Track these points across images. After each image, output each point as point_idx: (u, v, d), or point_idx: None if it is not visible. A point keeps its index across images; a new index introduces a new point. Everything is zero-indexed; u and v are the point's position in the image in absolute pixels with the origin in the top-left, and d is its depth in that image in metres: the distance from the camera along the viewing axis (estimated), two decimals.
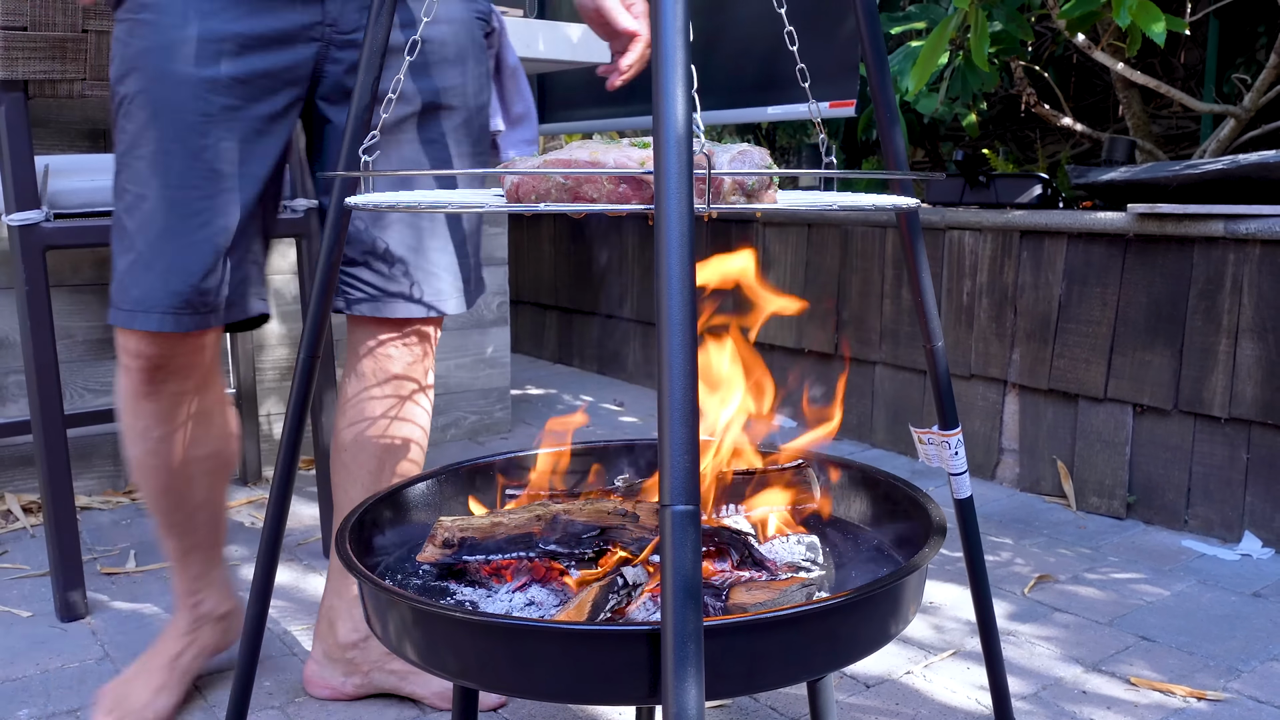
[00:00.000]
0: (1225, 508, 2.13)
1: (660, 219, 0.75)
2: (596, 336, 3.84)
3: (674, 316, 0.75)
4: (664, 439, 0.76)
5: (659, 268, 0.76)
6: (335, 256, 1.12)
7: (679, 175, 0.75)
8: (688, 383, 0.76)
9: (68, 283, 2.29)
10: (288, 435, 1.15)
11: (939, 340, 1.15)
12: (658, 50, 0.77)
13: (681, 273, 0.75)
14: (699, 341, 0.83)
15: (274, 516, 1.18)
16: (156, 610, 1.80)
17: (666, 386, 0.75)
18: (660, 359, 0.76)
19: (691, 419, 0.76)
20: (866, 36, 1.05)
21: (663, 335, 0.75)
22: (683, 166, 0.75)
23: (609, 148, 0.96)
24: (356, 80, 1.08)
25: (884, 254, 2.71)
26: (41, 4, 1.67)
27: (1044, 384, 2.40)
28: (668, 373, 0.75)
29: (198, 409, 1.41)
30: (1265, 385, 2.02)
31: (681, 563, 0.76)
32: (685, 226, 0.75)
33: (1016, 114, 3.98)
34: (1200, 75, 3.42)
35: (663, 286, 0.75)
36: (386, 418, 1.49)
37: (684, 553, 0.75)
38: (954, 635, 1.72)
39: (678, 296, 0.75)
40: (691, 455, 0.76)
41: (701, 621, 0.77)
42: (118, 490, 2.39)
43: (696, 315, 0.76)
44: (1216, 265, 2.08)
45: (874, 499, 1.19)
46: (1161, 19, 2.05)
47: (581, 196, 0.94)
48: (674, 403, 0.75)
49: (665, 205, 0.75)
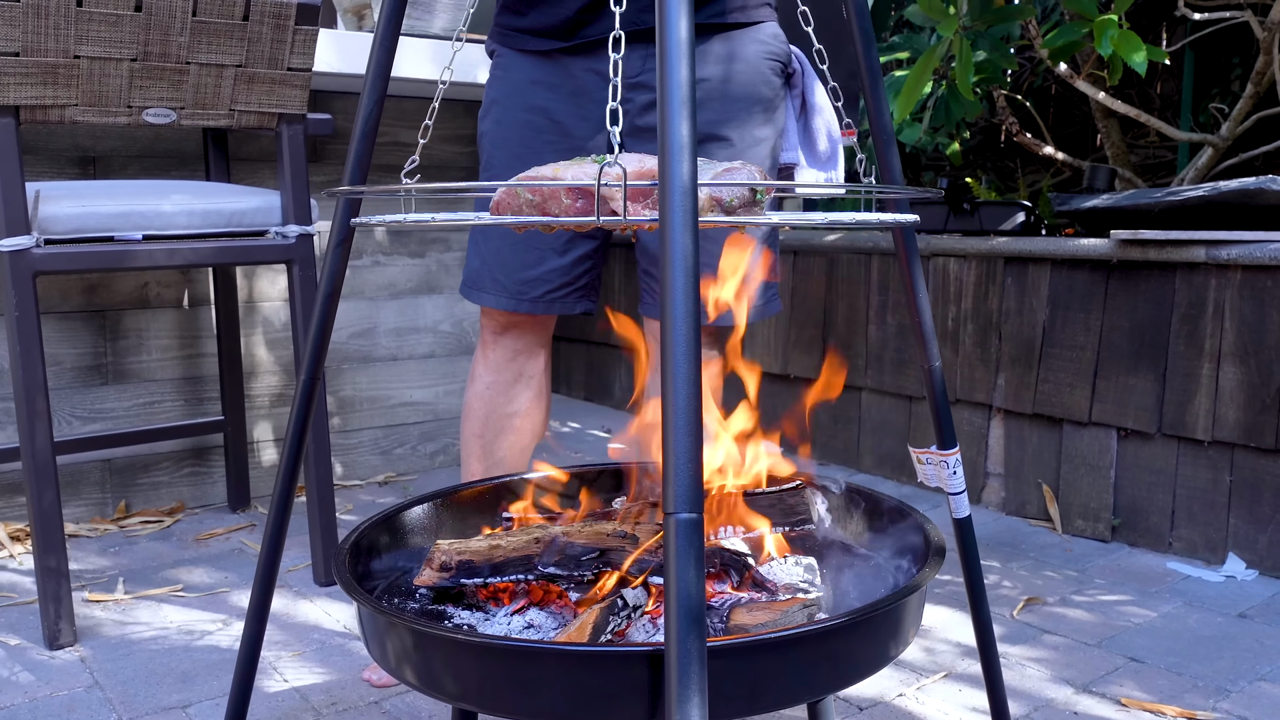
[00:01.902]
0: (1209, 530, 2.15)
1: (665, 230, 0.76)
2: (584, 364, 3.85)
3: (678, 327, 0.76)
4: (668, 448, 0.76)
5: (664, 279, 0.77)
6: (338, 281, 1.12)
7: (683, 190, 0.76)
8: (691, 391, 0.76)
9: (57, 309, 2.29)
10: (287, 457, 1.15)
11: (936, 361, 1.17)
12: (662, 68, 0.78)
13: (685, 284, 0.76)
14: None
15: (273, 535, 1.18)
16: (146, 637, 1.79)
17: (670, 396, 0.76)
18: (664, 368, 0.77)
19: (695, 428, 0.76)
20: (863, 59, 1.07)
21: (667, 345, 0.76)
22: (687, 181, 0.76)
23: (571, 165, 0.97)
24: (361, 105, 1.09)
25: (869, 280, 2.73)
26: (34, 30, 1.67)
27: (1029, 408, 2.42)
28: (672, 382, 0.76)
29: (522, 371, 1.75)
30: (1247, 408, 2.05)
31: (685, 570, 0.75)
32: (690, 238, 0.76)
33: (996, 144, 4.03)
34: (1176, 106, 3.47)
35: (667, 298, 0.76)
36: None
37: (688, 560, 0.75)
38: (945, 658, 1.73)
39: (681, 307, 0.76)
40: (695, 464, 0.76)
41: (705, 632, 0.77)
42: (105, 518, 2.38)
43: (700, 326, 0.77)
44: (1199, 290, 2.11)
45: (871, 520, 1.20)
46: (1143, 48, 2.09)
47: (547, 212, 0.95)
48: (678, 411, 0.76)
49: (671, 217, 0.76)
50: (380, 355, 2.75)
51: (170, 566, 2.12)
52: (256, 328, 2.54)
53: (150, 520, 2.37)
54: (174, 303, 2.43)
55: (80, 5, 1.70)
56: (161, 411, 2.44)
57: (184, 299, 2.44)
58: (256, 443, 2.56)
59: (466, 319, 2.88)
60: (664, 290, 0.77)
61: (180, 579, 2.05)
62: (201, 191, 1.98)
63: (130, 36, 1.76)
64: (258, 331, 2.54)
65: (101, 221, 1.83)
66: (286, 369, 2.59)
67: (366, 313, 2.70)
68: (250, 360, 2.53)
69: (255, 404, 2.55)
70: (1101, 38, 2.07)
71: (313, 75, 1.98)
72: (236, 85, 1.90)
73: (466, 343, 2.88)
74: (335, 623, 1.86)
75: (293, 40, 1.91)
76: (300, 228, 1.99)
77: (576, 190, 0.88)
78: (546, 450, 3.08)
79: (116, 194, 1.87)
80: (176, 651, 1.73)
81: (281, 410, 2.59)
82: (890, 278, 2.68)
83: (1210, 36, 3.08)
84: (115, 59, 1.76)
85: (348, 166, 1.10)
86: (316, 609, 1.92)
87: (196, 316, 2.46)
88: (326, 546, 2.02)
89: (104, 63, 1.76)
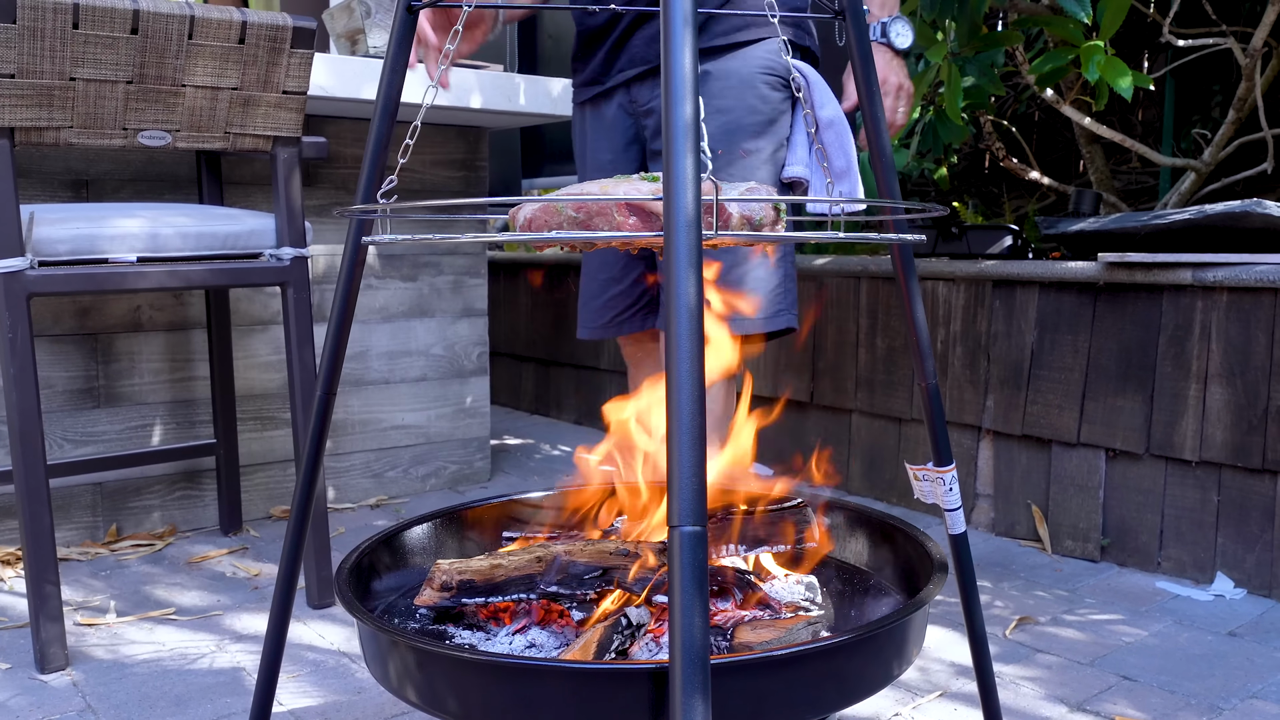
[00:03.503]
0: (1197, 549, 2.16)
1: (670, 242, 0.77)
2: (573, 387, 3.85)
3: (683, 341, 0.77)
4: (673, 461, 0.77)
5: (669, 292, 0.78)
6: (351, 299, 1.13)
7: (688, 199, 0.77)
8: (696, 407, 0.77)
9: (48, 332, 2.28)
10: (304, 476, 1.15)
11: (933, 379, 1.18)
12: (667, 84, 0.79)
13: (690, 298, 0.77)
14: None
15: (289, 559, 1.18)
16: (139, 660, 1.78)
17: (675, 410, 0.77)
18: (670, 383, 0.77)
19: (700, 442, 0.77)
20: (862, 83, 1.09)
21: (672, 359, 0.77)
22: (692, 189, 0.77)
23: (619, 182, 0.98)
24: (373, 124, 1.10)
25: (858, 303, 2.75)
26: (29, 51, 1.68)
27: (1018, 430, 2.44)
28: (677, 396, 0.77)
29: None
30: (1234, 429, 2.07)
31: (689, 583, 0.76)
32: (694, 251, 0.77)
33: (980, 170, 4.07)
34: (1157, 132, 3.52)
35: (672, 311, 0.77)
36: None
37: (692, 573, 0.76)
38: (940, 677, 1.73)
39: (686, 321, 0.77)
40: (699, 477, 0.77)
41: (710, 646, 0.77)
42: (96, 541, 2.36)
43: (704, 340, 0.78)
44: (1185, 312, 2.14)
45: (870, 539, 1.21)
46: (1129, 74, 2.12)
47: (593, 229, 0.96)
48: (682, 426, 0.77)
49: (675, 229, 0.77)
50: (372, 378, 2.75)
51: (162, 590, 2.11)
52: (249, 350, 2.54)
53: (141, 543, 2.36)
54: (166, 326, 2.43)
55: (76, 27, 1.70)
56: (153, 434, 2.43)
57: (176, 322, 2.44)
58: (249, 466, 2.55)
59: (458, 343, 2.88)
60: (668, 308, 0.78)
61: (173, 602, 2.04)
62: (196, 214, 1.98)
63: (126, 59, 1.77)
64: (250, 354, 2.54)
65: (96, 243, 1.83)
66: (279, 392, 2.58)
67: (359, 336, 2.70)
68: (242, 383, 2.52)
69: (247, 427, 2.55)
70: (1088, 63, 2.10)
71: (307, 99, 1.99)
72: (232, 108, 1.90)
73: (458, 366, 2.89)
74: (329, 645, 1.85)
75: (288, 63, 1.92)
76: (295, 250, 2.00)
77: (627, 208, 0.89)
78: (546, 471, 3.08)
79: (111, 216, 1.88)
80: (170, 674, 1.72)
81: (274, 433, 2.59)
82: (879, 301, 2.70)
83: (1190, 64, 3.13)
84: (111, 81, 1.77)
85: (360, 185, 1.11)
86: (310, 631, 1.91)
87: (188, 339, 2.46)
88: (320, 569, 2.02)
89: (100, 85, 1.77)
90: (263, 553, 2.34)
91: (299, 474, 1.17)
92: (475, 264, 2.90)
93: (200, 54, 1.83)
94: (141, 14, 1.74)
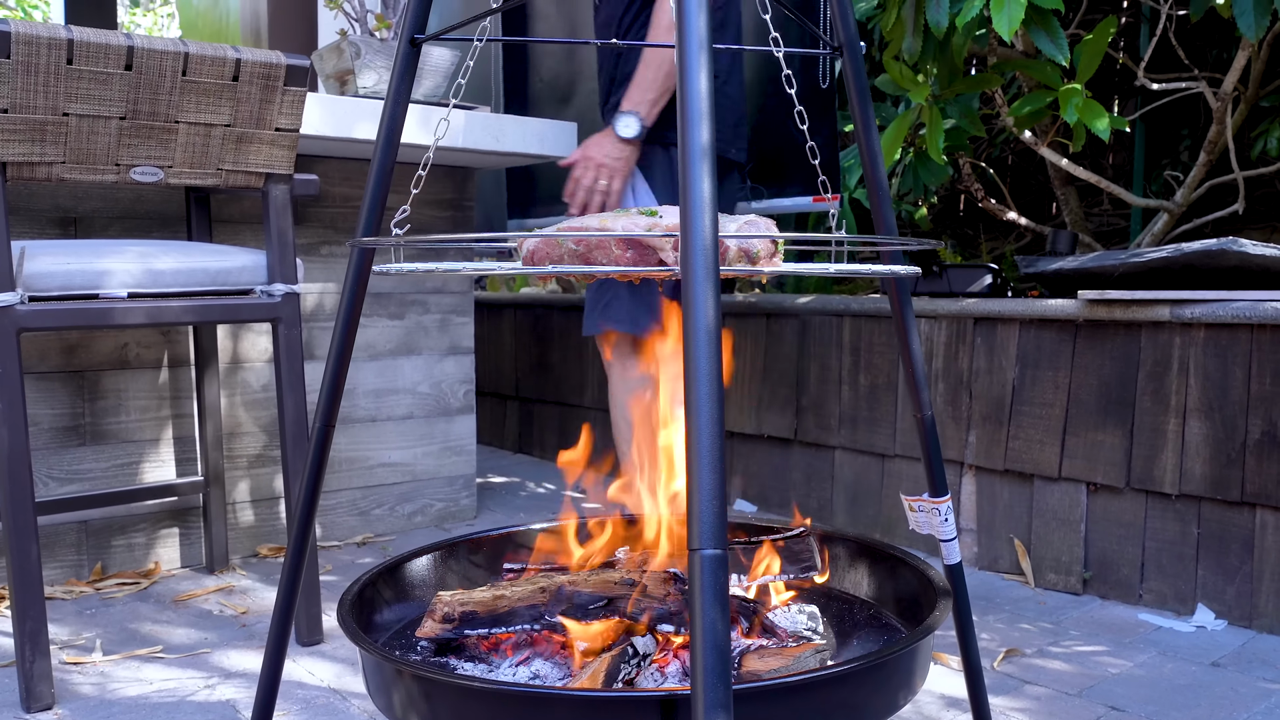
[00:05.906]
0: (1178, 581, 2.19)
1: (687, 266, 0.79)
2: (557, 425, 3.86)
3: (701, 364, 0.78)
4: (692, 485, 0.78)
5: (687, 321, 0.79)
6: (352, 330, 1.14)
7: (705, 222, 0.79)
8: (715, 430, 0.78)
9: (35, 369, 2.27)
10: (302, 507, 1.16)
11: (928, 410, 1.20)
12: (683, 107, 0.81)
13: (709, 321, 0.79)
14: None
15: (286, 593, 1.18)
16: (125, 698, 1.76)
17: (695, 434, 0.78)
18: (689, 407, 0.79)
19: (719, 465, 0.78)
20: (859, 117, 1.12)
21: (690, 384, 0.78)
22: (709, 213, 0.79)
23: (618, 215, 1.01)
24: (374, 156, 1.12)
25: (841, 342, 2.78)
26: (23, 87, 1.69)
27: (1000, 465, 2.47)
28: (696, 420, 0.78)
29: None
30: (1213, 462, 2.11)
31: (710, 605, 0.76)
32: (712, 274, 0.79)
33: (956, 211, 4.14)
34: (1128, 175, 3.60)
35: (690, 339, 0.79)
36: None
37: (713, 596, 0.76)
38: (931, 709, 1.74)
39: (705, 344, 0.79)
40: (719, 501, 0.78)
41: (731, 667, 0.78)
42: (81, 580, 2.34)
43: (721, 366, 0.80)
44: (1164, 348, 2.18)
45: (870, 568, 1.22)
46: (1105, 116, 2.18)
47: (592, 262, 0.98)
48: (702, 450, 0.78)
49: (693, 253, 0.78)
50: (359, 416, 2.75)
51: (149, 627, 2.09)
52: (236, 388, 2.54)
53: (127, 582, 2.33)
54: (153, 363, 2.42)
55: (70, 63, 1.71)
56: (139, 472, 2.41)
57: (163, 359, 2.43)
58: (235, 503, 2.54)
59: (445, 380, 2.89)
60: (687, 334, 0.79)
61: (160, 639, 2.02)
62: (187, 250, 1.99)
63: (120, 95, 1.78)
64: (237, 392, 2.54)
65: (87, 279, 1.83)
66: (266, 429, 2.58)
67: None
68: (230, 420, 2.52)
69: (235, 464, 2.54)
70: (1067, 106, 2.16)
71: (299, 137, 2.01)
72: (225, 144, 1.92)
73: (444, 404, 2.89)
74: (319, 681, 1.84)
75: (281, 100, 1.93)
76: (286, 286, 2.00)
77: (625, 242, 0.91)
78: (538, 507, 3.07)
79: (102, 252, 1.88)
80: (159, 711, 1.71)
81: (261, 471, 2.58)
82: (861, 339, 2.73)
83: (1160, 109, 3.21)
84: (104, 117, 1.78)
85: (362, 214, 1.13)
86: (300, 668, 1.90)
87: (176, 377, 2.45)
88: (309, 606, 2.01)
89: (93, 120, 1.77)
90: (250, 590, 2.32)
91: (297, 505, 1.18)
92: (462, 302, 2.91)
93: (194, 91, 1.84)
94: (136, 50, 1.76)
